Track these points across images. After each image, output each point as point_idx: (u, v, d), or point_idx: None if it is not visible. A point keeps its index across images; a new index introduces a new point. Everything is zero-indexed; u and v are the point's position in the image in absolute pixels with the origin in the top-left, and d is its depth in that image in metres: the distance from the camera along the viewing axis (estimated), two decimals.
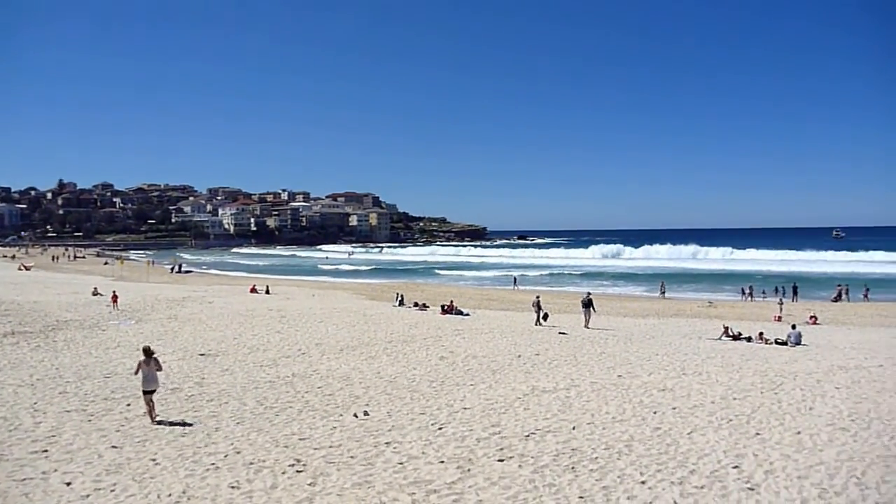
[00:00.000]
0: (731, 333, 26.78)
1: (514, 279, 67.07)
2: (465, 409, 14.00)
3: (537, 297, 33.01)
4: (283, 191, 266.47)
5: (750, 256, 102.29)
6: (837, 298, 48.60)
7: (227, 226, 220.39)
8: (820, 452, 10.93)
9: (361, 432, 12.14)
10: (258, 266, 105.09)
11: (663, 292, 53.12)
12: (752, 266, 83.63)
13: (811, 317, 35.11)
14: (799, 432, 12.11)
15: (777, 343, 25.27)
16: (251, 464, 10.34)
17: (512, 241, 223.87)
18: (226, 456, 10.71)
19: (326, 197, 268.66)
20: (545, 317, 31.07)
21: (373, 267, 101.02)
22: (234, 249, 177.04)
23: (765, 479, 9.70)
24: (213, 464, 10.34)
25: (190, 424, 12.66)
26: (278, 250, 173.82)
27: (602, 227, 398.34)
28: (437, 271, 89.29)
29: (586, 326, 29.68)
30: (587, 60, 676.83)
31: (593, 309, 31.09)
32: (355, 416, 13.37)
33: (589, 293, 33.07)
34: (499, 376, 17.63)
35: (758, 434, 12.01)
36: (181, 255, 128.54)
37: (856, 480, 9.64)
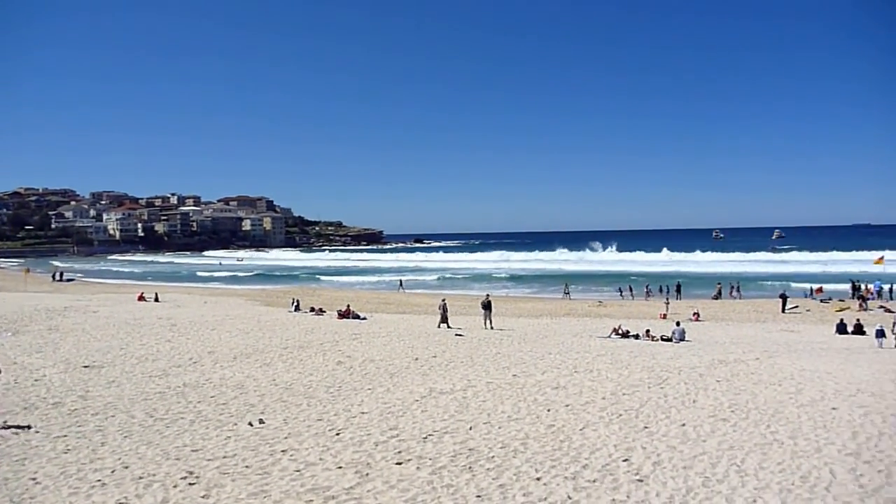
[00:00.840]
0: (620, 331, 27.76)
1: (400, 282, 67.80)
2: (363, 413, 13.94)
3: (443, 300, 33.31)
4: (173, 195, 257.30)
5: (638, 258, 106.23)
6: (717, 296, 51.13)
7: (112, 232, 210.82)
8: (703, 443, 11.47)
9: (257, 441, 11.89)
10: (146, 273, 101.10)
11: (567, 293, 54.58)
12: (641, 267, 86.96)
13: (694, 314, 36.84)
14: (684, 424, 12.68)
15: (663, 340, 26.37)
16: (140, 478, 9.94)
17: (408, 245, 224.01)
18: (113, 471, 10.26)
19: (218, 201, 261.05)
20: (445, 321, 31.34)
21: (256, 273, 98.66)
22: (120, 256, 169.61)
23: (653, 470, 10.10)
24: (99, 480, 9.88)
25: (74, 440, 12.06)
26: (168, 256, 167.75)
27: (500, 231, 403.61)
28: (330, 277, 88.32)
29: (489, 328, 30.17)
30: (476, 62, 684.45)
31: (491, 310, 31.65)
32: (250, 424, 13.08)
33: (488, 295, 33.62)
34: (396, 379, 17.64)
35: (646, 427, 12.50)
36: (57, 262, 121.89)
37: (736, 468, 10.17)
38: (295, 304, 40.33)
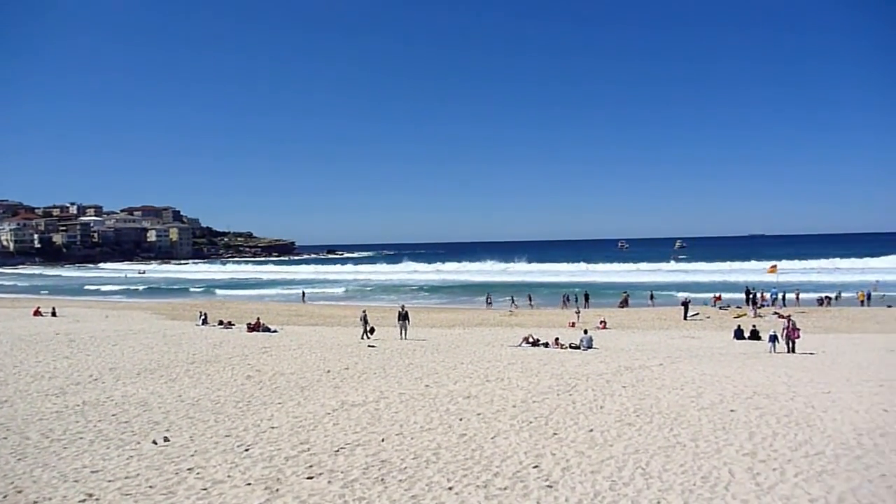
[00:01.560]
0: (530, 340, 28.21)
1: (303, 294, 67.62)
2: (273, 428, 13.68)
3: (364, 311, 33.05)
4: (72, 204, 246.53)
5: (549, 268, 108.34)
6: (623, 304, 52.67)
7: (5, 243, 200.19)
8: (610, 447, 11.77)
9: (161, 460, 11.50)
10: (43, 286, 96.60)
11: (490, 303, 55.41)
12: (550, 277, 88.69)
13: (601, 322, 37.80)
14: (591, 430, 12.98)
15: (571, 347, 26.94)
16: (35, 503, 9.46)
17: (321, 256, 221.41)
18: (4, 496, 9.72)
19: (121, 211, 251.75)
20: (371, 331, 31.17)
21: (161, 285, 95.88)
22: (14, 269, 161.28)
23: (562, 476, 10.29)
24: None
25: None
26: (67, 269, 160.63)
27: (416, 241, 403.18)
28: (239, 289, 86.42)
29: (404, 338, 30.18)
30: (375, 71, 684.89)
31: (408, 321, 31.72)
32: (154, 443, 12.63)
33: (404, 306, 33.63)
34: (308, 393, 17.40)
35: (555, 434, 12.73)
36: None
37: (641, 471, 10.47)
38: (202, 317, 39.27)
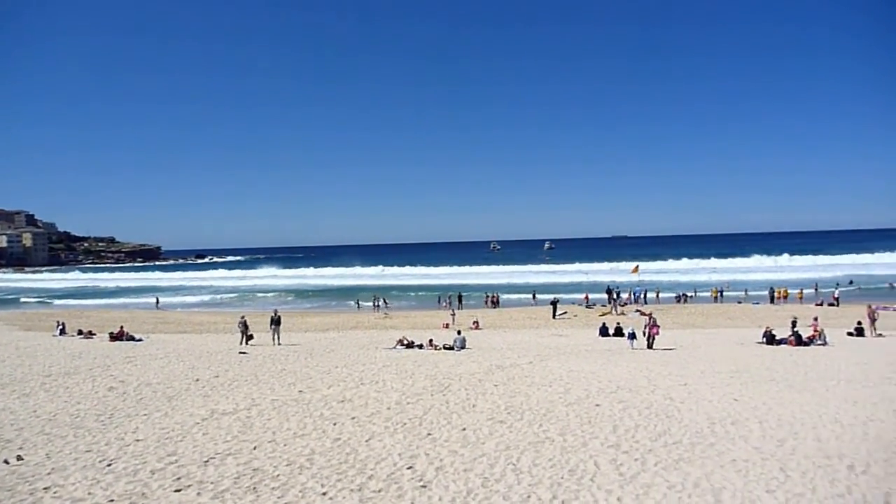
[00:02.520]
0: (404, 342, 28.33)
1: (157, 300, 65.83)
2: (138, 440, 13.08)
3: (243, 317, 31.99)
4: None
5: (423, 271, 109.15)
6: (495, 304, 53.82)
7: None
8: (482, 445, 12.01)
9: (14, 480, 10.75)
10: None
11: (378, 306, 55.32)
12: (425, 280, 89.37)
13: (474, 322, 38.46)
14: (464, 429, 13.20)
15: (445, 348, 27.27)
16: None
17: (188, 262, 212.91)
18: None
19: None
20: (250, 337, 30.27)
21: (13, 295, 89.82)
22: None
23: (436, 475, 10.40)
24: None
25: None
26: None
27: (288, 245, 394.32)
28: (100, 298, 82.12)
29: (277, 343, 29.57)
30: (242, 74, 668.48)
31: (280, 326, 31.10)
32: (6, 462, 11.80)
33: (277, 310, 32.95)
34: (175, 403, 16.73)
35: (429, 434, 12.86)
36: None
37: (512, 467, 10.74)
38: (60, 327, 36.96)
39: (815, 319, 30.34)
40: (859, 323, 31.12)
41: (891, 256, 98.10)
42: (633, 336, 27.31)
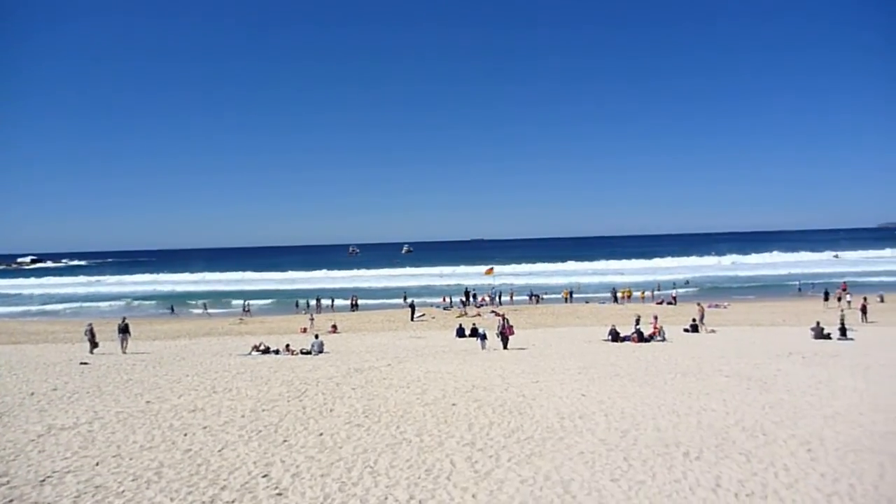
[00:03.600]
0: (260, 348, 27.69)
1: None
2: None
3: (90, 325, 29.94)
4: None
5: (282, 276, 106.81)
6: (354, 307, 53.63)
7: None
8: (339, 449, 11.94)
9: None
10: None
11: (247, 310, 53.53)
12: (283, 285, 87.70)
13: (332, 326, 38.15)
14: (321, 434, 13.08)
15: (302, 353, 26.88)
16: None
17: (9, 268, 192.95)
18: None
19: None
20: (95, 346, 28.46)
21: None
22: None
23: (292, 482, 10.24)
24: None
25: None
26: None
27: (141, 248, 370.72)
28: None
29: (124, 352, 28.09)
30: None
31: (129, 334, 29.54)
32: None
33: (125, 317, 31.29)
34: (7, 419, 15.51)
35: (285, 441, 12.64)
36: None
37: (370, 469, 10.76)
38: None
39: (655, 318, 32.28)
40: (694, 320, 33.41)
41: (722, 259, 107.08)
42: (484, 337, 27.97)
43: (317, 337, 28.98)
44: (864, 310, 37.39)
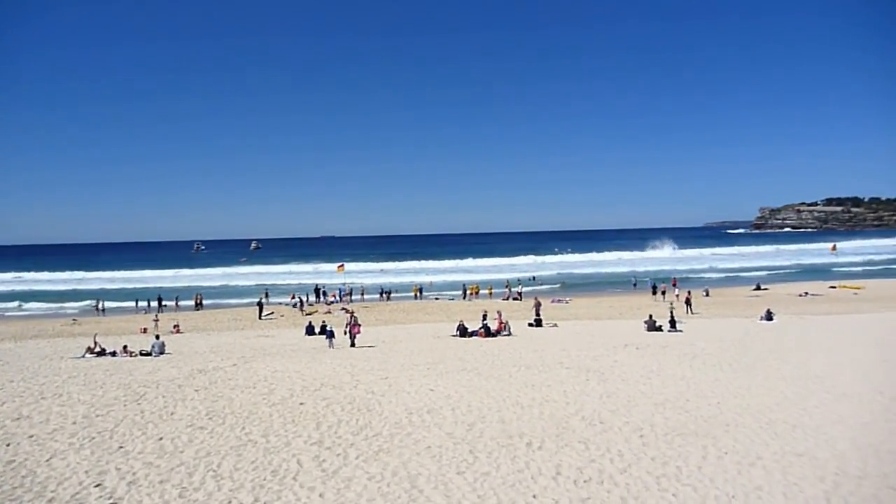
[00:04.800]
0: (95, 350, 26.09)
1: None
2: None
3: None
4: None
5: (121, 275, 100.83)
6: (199, 306, 51.73)
7: None
8: (181, 454, 11.49)
9: None
10: None
11: (101, 309, 50.15)
12: (120, 284, 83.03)
13: (174, 326, 36.56)
14: (161, 438, 12.52)
15: (142, 354, 25.57)
16: None
17: None
18: None
19: None
20: None
21: None
22: None
23: (128, 490, 9.76)
24: None
25: None
26: None
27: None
28: None
29: None
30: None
31: None
32: None
33: None
34: None
35: (121, 447, 12.00)
36: None
37: (212, 473, 10.44)
38: None
39: (499, 313, 33.23)
40: (538, 314, 34.70)
41: (567, 256, 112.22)
42: (331, 335, 27.70)
43: (157, 338, 27.63)
44: (688, 302, 40.81)
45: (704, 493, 9.34)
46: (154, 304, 52.21)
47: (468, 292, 57.07)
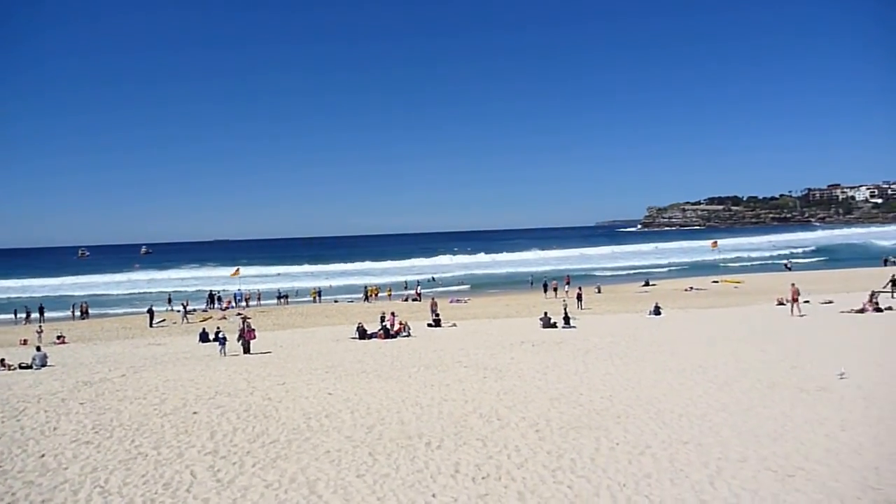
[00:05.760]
0: None
1: None
2: None
3: None
4: None
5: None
6: (84, 316, 49.40)
7: None
8: (65, 471, 10.93)
9: None
10: None
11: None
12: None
13: (58, 337, 34.81)
14: (43, 455, 11.88)
15: (21, 367, 24.22)
16: None
17: None
18: None
19: None
20: None
21: None
22: None
23: None
24: None
25: None
26: None
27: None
28: None
29: None
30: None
31: None
32: None
33: None
34: None
35: None
36: None
37: (100, 489, 9.98)
38: None
39: (393, 314, 33.34)
40: (436, 314, 34.97)
41: (472, 257, 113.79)
42: (224, 341, 26.88)
43: (39, 349, 26.20)
44: (579, 297, 42.45)
45: (598, 484, 9.63)
46: (35, 314, 49.35)
47: (369, 294, 56.86)
